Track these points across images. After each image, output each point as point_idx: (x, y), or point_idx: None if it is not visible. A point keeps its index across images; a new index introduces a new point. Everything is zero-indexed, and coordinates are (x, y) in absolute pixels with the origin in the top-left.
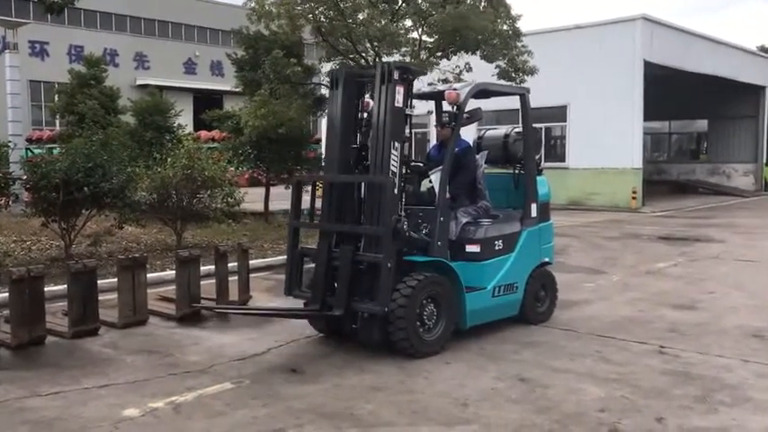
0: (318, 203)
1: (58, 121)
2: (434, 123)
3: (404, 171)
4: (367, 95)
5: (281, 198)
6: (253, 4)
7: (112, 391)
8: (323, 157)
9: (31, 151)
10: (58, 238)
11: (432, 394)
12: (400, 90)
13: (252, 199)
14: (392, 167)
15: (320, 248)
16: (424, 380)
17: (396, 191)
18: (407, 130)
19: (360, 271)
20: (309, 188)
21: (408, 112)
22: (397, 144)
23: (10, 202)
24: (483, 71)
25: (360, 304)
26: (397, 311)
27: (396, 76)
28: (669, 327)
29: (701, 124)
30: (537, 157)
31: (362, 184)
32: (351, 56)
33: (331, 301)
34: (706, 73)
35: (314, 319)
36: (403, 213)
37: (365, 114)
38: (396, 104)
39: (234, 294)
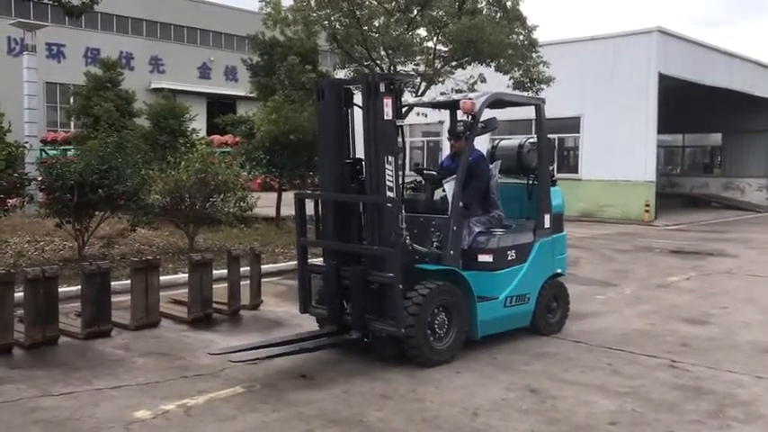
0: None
1: (72, 123)
2: (447, 136)
3: (402, 182)
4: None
5: (293, 203)
6: (269, 10)
7: (124, 392)
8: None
9: (45, 152)
10: (72, 239)
11: (442, 403)
12: (388, 102)
13: (263, 204)
14: (387, 182)
15: (328, 266)
16: (435, 389)
17: (394, 207)
18: (400, 141)
19: (373, 289)
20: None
21: (399, 123)
22: (390, 158)
23: (25, 203)
24: (497, 81)
25: (377, 325)
26: (408, 320)
27: (382, 88)
28: (680, 341)
29: (716, 138)
30: (551, 167)
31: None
32: (365, 63)
33: (346, 320)
34: (721, 86)
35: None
36: (404, 225)
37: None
38: (385, 117)
39: (245, 299)
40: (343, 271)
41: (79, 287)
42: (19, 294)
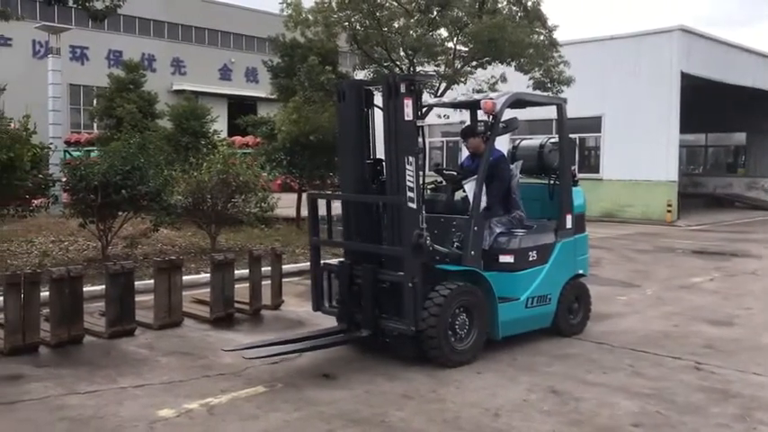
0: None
1: (96, 125)
2: (460, 139)
3: (423, 182)
4: None
5: None
6: (290, 12)
7: (147, 391)
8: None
9: (69, 154)
10: (95, 239)
11: (463, 404)
12: (408, 103)
13: (283, 204)
14: (408, 182)
15: (340, 265)
16: (456, 389)
17: (414, 205)
18: (420, 142)
19: (386, 288)
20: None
21: (420, 124)
22: (410, 158)
23: (49, 203)
24: (518, 81)
25: (388, 323)
26: (429, 320)
27: (402, 89)
28: (705, 342)
29: (739, 137)
30: (572, 167)
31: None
32: (385, 64)
33: (359, 318)
34: (745, 85)
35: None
36: (425, 226)
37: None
38: (406, 118)
39: (267, 298)
40: (356, 270)
41: (103, 287)
42: (44, 294)
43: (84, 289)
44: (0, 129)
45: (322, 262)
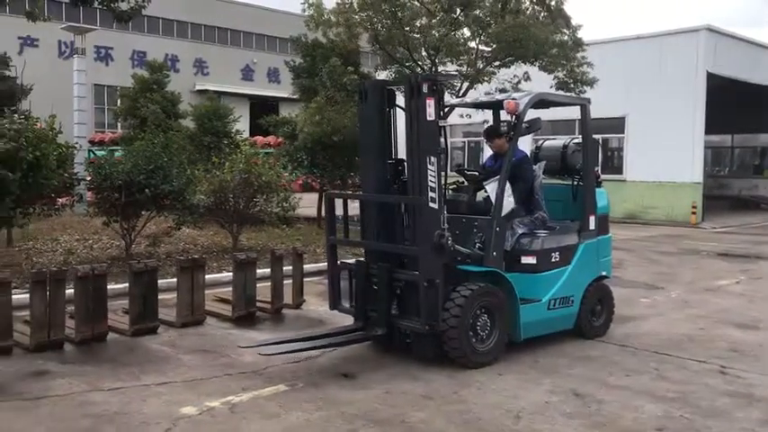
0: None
1: (120, 124)
2: (483, 139)
3: (446, 182)
4: None
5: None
6: (311, 13)
7: (170, 388)
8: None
9: (93, 153)
10: (119, 237)
11: (484, 405)
12: (431, 103)
13: (305, 204)
14: (430, 183)
15: (359, 264)
16: (477, 390)
17: (435, 206)
18: (442, 142)
19: (403, 287)
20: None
21: (442, 124)
22: (432, 159)
23: (74, 202)
24: (541, 81)
25: (402, 321)
26: (450, 321)
27: (425, 89)
28: (730, 346)
29: (766, 138)
30: (596, 168)
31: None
32: (407, 64)
33: (374, 317)
34: None
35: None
36: (446, 226)
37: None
38: (428, 118)
39: (288, 298)
40: (372, 269)
41: (127, 285)
42: (69, 291)
43: (108, 287)
44: (27, 128)
45: (339, 261)
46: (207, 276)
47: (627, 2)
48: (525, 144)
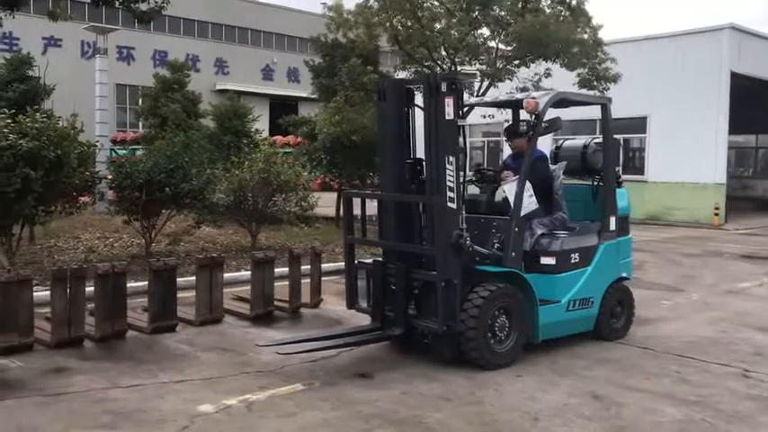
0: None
1: (141, 124)
2: (504, 137)
3: (464, 181)
4: None
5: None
6: (331, 14)
7: (188, 386)
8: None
9: (115, 152)
10: (139, 235)
11: (502, 407)
12: (449, 102)
13: (323, 203)
14: (448, 182)
15: (376, 264)
16: (495, 392)
17: (454, 205)
18: (461, 141)
19: (420, 287)
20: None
21: (461, 123)
22: (451, 158)
23: (95, 200)
24: (562, 79)
25: (419, 321)
26: (468, 321)
27: (443, 88)
28: (754, 350)
29: None
30: (617, 168)
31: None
32: (426, 63)
33: (391, 317)
34: None
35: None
36: (465, 226)
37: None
38: (447, 117)
39: (306, 297)
40: (389, 269)
41: (146, 283)
42: (89, 289)
43: (128, 285)
44: (49, 127)
45: (356, 261)
46: (225, 275)
47: (651, 3)
48: (545, 144)
